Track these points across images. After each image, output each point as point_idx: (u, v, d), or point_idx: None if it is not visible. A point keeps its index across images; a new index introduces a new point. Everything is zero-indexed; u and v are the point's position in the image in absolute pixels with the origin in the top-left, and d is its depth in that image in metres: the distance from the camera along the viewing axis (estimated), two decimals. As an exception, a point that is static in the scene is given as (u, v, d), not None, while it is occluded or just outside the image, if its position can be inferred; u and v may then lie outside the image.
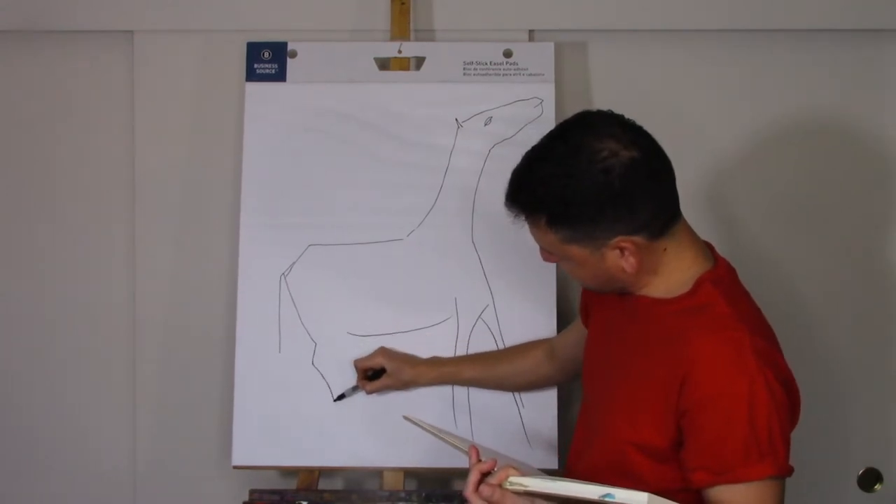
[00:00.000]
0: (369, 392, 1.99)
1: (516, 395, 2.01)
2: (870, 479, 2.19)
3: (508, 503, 1.38)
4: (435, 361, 2.00)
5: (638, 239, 1.48)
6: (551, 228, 1.50)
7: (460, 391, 2.00)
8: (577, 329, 1.84)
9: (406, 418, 1.81)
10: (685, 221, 1.56)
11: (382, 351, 1.99)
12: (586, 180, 1.45)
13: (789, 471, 1.45)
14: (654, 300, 1.55)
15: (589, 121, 1.52)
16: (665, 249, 1.52)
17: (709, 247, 1.61)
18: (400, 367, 1.97)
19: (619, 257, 1.50)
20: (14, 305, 2.20)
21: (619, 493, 1.26)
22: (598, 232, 1.47)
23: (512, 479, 1.37)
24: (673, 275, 1.53)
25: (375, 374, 1.98)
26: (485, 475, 1.40)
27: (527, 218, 1.53)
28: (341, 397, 2.00)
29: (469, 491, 1.40)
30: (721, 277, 1.54)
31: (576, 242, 1.50)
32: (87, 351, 2.18)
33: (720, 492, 1.42)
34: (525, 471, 1.41)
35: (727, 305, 1.49)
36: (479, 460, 1.44)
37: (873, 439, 2.19)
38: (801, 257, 2.16)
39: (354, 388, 2.00)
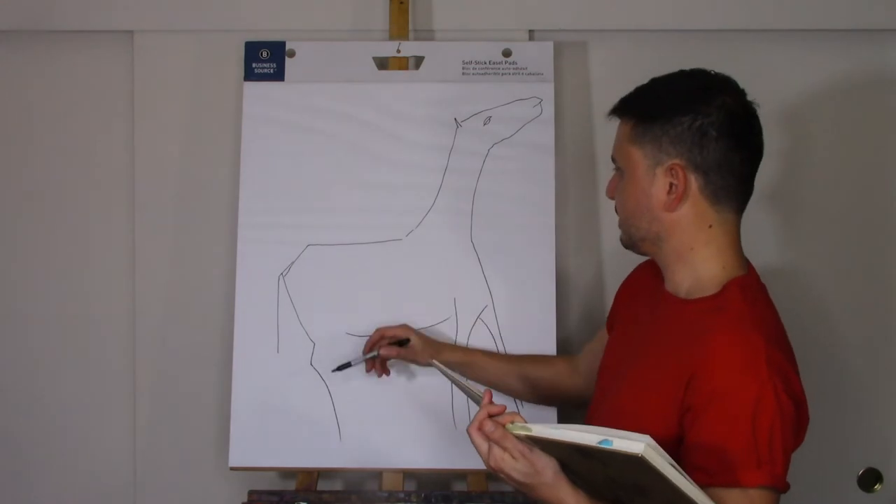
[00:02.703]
0: (389, 356, 1.94)
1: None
2: (870, 479, 2.18)
3: (507, 443, 1.37)
4: (458, 348, 1.99)
5: (692, 178, 1.49)
6: (632, 120, 1.54)
7: (459, 391, 2.00)
8: (600, 339, 1.83)
9: (434, 364, 1.79)
10: (738, 224, 1.55)
11: (407, 327, 1.96)
12: (686, 90, 1.52)
13: (785, 486, 1.42)
14: (681, 300, 1.54)
15: (725, 76, 1.56)
16: (710, 226, 1.51)
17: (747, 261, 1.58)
18: (425, 341, 1.95)
19: (664, 190, 1.51)
20: (13, 306, 2.19)
21: (617, 440, 1.25)
22: (664, 141, 1.50)
23: (517, 422, 1.38)
24: (707, 266, 1.52)
25: (400, 344, 1.95)
26: (492, 418, 1.40)
27: (622, 113, 1.57)
28: (346, 366, 1.96)
29: (473, 427, 1.40)
30: (750, 284, 1.52)
31: (641, 146, 1.52)
32: (86, 351, 2.18)
33: (712, 493, 1.39)
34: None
35: (749, 309, 1.47)
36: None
37: (873, 439, 2.19)
38: (801, 257, 2.16)
39: (366, 359, 1.95)
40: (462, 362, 1.94)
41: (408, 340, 1.94)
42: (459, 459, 1.98)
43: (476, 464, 1.95)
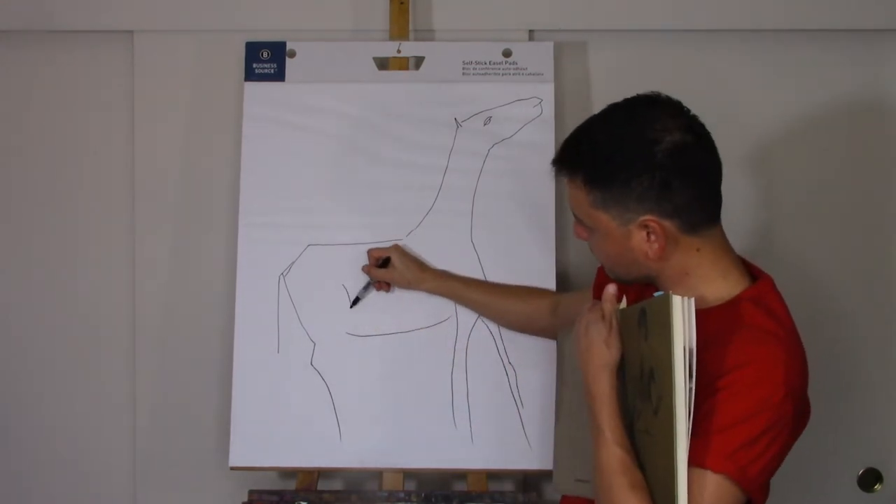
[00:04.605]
0: (374, 277, 2.00)
1: (516, 395, 2.00)
2: (870, 479, 2.18)
3: (608, 307, 1.49)
4: (443, 274, 2.01)
5: (668, 224, 1.46)
6: (586, 187, 1.49)
7: (459, 391, 2.00)
8: (586, 299, 1.79)
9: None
10: (722, 230, 1.53)
11: (396, 247, 2.00)
12: (631, 144, 1.46)
13: (749, 488, 1.39)
14: None
15: (657, 99, 1.51)
16: (698, 250, 1.49)
17: (744, 262, 1.56)
18: (408, 264, 1.98)
19: (644, 240, 1.48)
20: (13, 306, 2.20)
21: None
22: (629, 202, 1.46)
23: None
24: (708, 283, 1.50)
25: (384, 264, 1.99)
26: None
27: (567, 175, 1.53)
28: (356, 301, 2.01)
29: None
30: (761, 296, 1.50)
31: (606, 210, 1.48)
32: (86, 351, 2.18)
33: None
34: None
35: (772, 325, 1.46)
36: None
37: (873, 439, 2.19)
38: (801, 256, 2.16)
39: (366, 288, 2.01)
40: (440, 292, 2.00)
41: (388, 260, 1.97)
42: (459, 459, 1.98)
43: (476, 463, 1.98)
